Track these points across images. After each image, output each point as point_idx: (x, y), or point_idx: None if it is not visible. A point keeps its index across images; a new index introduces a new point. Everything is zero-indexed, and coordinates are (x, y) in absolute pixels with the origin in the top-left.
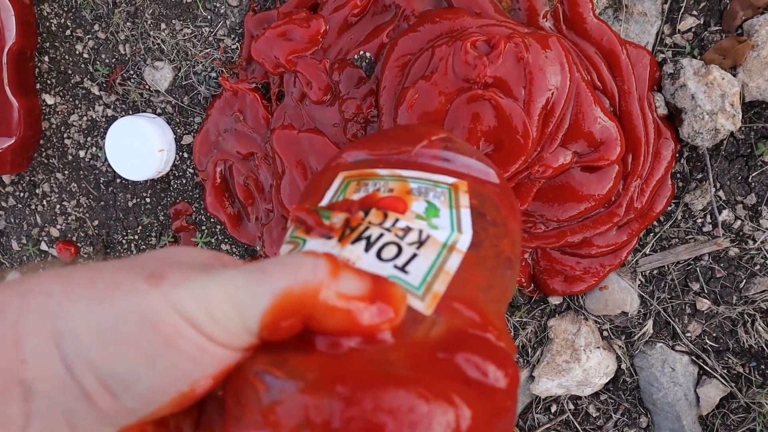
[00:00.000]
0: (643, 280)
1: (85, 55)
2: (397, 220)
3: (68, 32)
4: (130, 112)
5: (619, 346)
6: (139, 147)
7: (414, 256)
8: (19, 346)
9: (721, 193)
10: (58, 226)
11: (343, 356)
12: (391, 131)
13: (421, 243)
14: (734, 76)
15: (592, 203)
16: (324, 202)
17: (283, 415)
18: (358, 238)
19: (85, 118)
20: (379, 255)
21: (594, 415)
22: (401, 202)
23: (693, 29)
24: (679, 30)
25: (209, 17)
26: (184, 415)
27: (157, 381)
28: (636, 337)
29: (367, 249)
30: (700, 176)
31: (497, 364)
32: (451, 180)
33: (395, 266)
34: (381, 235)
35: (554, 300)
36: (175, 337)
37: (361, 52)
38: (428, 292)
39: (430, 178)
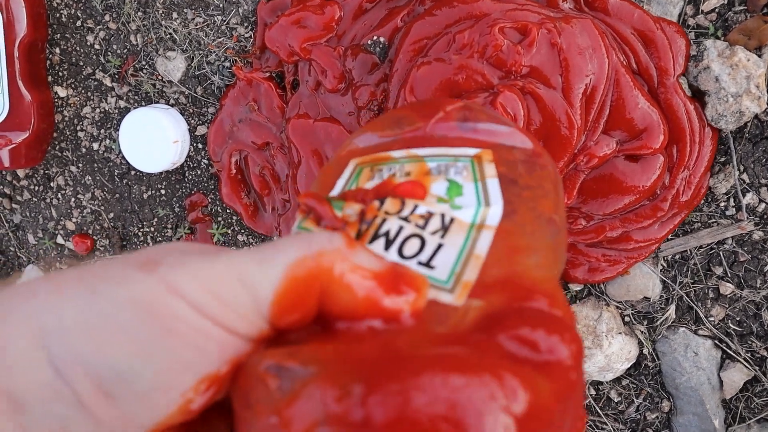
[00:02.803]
0: (665, 264)
1: (97, 47)
2: (416, 207)
3: (79, 23)
4: (143, 104)
5: (641, 332)
6: (153, 139)
7: (439, 246)
8: (3, 351)
9: (744, 176)
10: (74, 219)
11: (364, 339)
12: (401, 109)
13: (445, 229)
14: (759, 57)
15: (637, 195)
16: (335, 192)
17: (298, 409)
18: (376, 236)
19: (98, 110)
20: (401, 252)
21: (616, 400)
22: (420, 187)
23: (717, 9)
24: (702, 11)
25: (221, 5)
26: None
27: (158, 376)
28: (658, 322)
29: (387, 247)
30: (723, 159)
31: (552, 332)
32: (473, 151)
33: (419, 263)
34: (401, 229)
35: (575, 286)
36: (176, 323)
37: (375, 37)
38: (458, 284)
39: (449, 153)
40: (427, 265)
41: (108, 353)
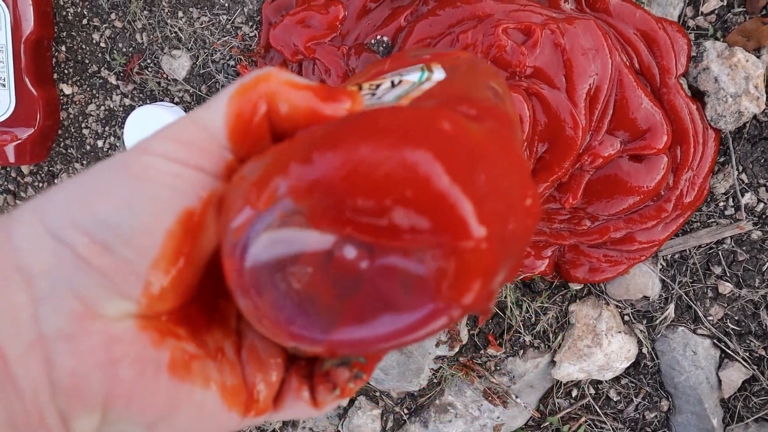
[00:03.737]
0: (664, 264)
1: (102, 45)
2: (379, 86)
3: (85, 21)
4: (148, 102)
5: (641, 331)
6: None
7: (391, 86)
8: (9, 238)
9: (743, 176)
10: None
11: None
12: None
13: (399, 84)
14: (758, 57)
15: (641, 196)
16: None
17: (260, 181)
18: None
19: (102, 108)
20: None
21: (615, 399)
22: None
23: (716, 11)
24: (701, 12)
25: (227, 5)
26: (223, 335)
27: (140, 219)
28: (657, 321)
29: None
30: (722, 159)
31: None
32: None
33: (372, 98)
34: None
35: (575, 285)
36: (147, 171)
37: (378, 36)
38: (403, 99)
39: (409, 69)
40: (379, 98)
41: (95, 210)
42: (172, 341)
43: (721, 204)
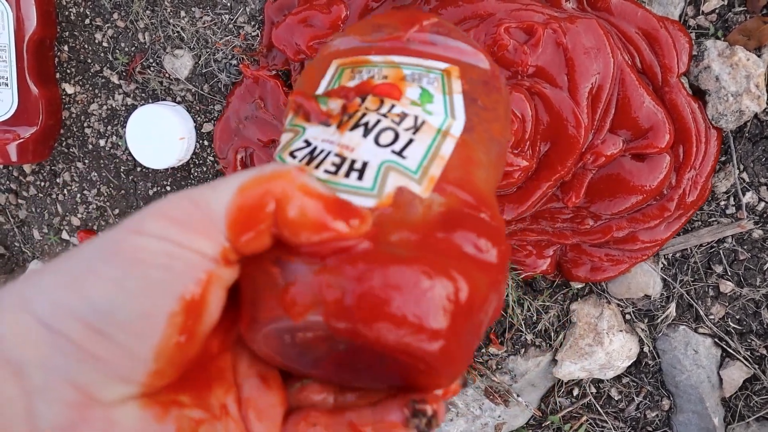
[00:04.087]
0: (665, 263)
1: (105, 44)
2: (393, 106)
3: (87, 21)
4: (150, 101)
5: (642, 329)
6: (160, 135)
7: (410, 141)
8: None
9: (744, 175)
10: (79, 215)
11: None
12: (381, 17)
13: (416, 128)
14: (759, 56)
15: (644, 195)
16: (320, 90)
17: (297, 294)
18: (356, 125)
19: (105, 107)
20: (377, 140)
21: (616, 398)
22: (396, 89)
23: (717, 10)
24: (702, 11)
25: (229, 4)
26: (224, 391)
27: (137, 303)
28: (659, 320)
29: (366, 135)
30: (723, 158)
31: (491, 240)
32: (443, 66)
33: (393, 151)
34: (378, 121)
35: (576, 284)
36: (140, 253)
37: None
38: (425, 176)
39: (422, 63)
40: (400, 154)
41: (87, 295)
42: (175, 411)
43: (722, 203)
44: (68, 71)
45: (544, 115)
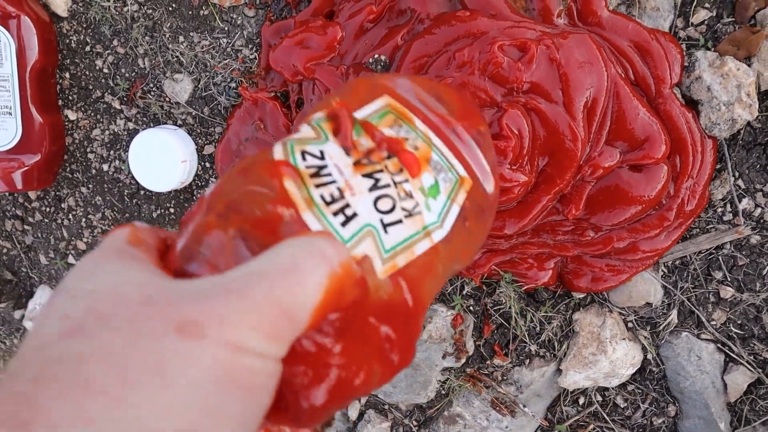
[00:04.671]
0: (666, 270)
1: (105, 70)
2: (406, 181)
3: (88, 48)
4: (152, 125)
5: (645, 337)
6: (162, 159)
7: (400, 221)
8: None
9: (740, 182)
10: (85, 239)
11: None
12: (447, 90)
13: (410, 214)
14: (749, 66)
15: (642, 205)
16: (360, 114)
17: None
18: (370, 175)
19: (107, 132)
20: (376, 201)
21: (622, 406)
22: (417, 166)
23: (706, 21)
24: (692, 23)
25: (226, 28)
26: None
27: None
28: (661, 327)
29: (371, 190)
30: (718, 166)
31: (405, 345)
32: (462, 172)
33: (381, 221)
34: (387, 185)
35: (578, 294)
36: (254, 377)
37: (376, 56)
38: (391, 260)
39: (449, 159)
40: (385, 227)
41: None
42: None
43: (719, 210)
44: (70, 98)
45: (541, 130)
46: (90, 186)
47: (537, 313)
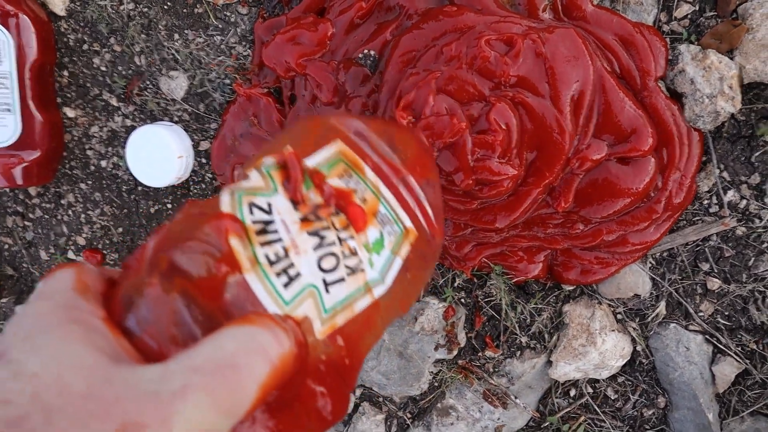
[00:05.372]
0: (653, 262)
1: (103, 68)
2: (351, 237)
3: (85, 46)
4: (148, 121)
5: (634, 329)
6: (159, 155)
7: (342, 279)
8: None
9: (725, 174)
10: (84, 235)
11: None
12: (401, 133)
13: (353, 271)
14: (731, 59)
15: (631, 198)
16: (311, 161)
17: None
18: (316, 233)
19: (105, 129)
20: (320, 261)
21: (612, 398)
22: (363, 220)
23: (689, 15)
24: (675, 17)
25: (220, 26)
26: None
27: None
28: (649, 319)
29: (316, 249)
30: (704, 159)
31: (339, 403)
32: (408, 224)
33: (324, 280)
34: (333, 243)
35: (568, 286)
36: None
37: (366, 51)
38: (330, 320)
39: (396, 210)
40: (327, 287)
41: None
42: None
43: (705, 202)
44: (69, 95)
45: (529, 124)
46: (89, 182)
47: (527, 305)
